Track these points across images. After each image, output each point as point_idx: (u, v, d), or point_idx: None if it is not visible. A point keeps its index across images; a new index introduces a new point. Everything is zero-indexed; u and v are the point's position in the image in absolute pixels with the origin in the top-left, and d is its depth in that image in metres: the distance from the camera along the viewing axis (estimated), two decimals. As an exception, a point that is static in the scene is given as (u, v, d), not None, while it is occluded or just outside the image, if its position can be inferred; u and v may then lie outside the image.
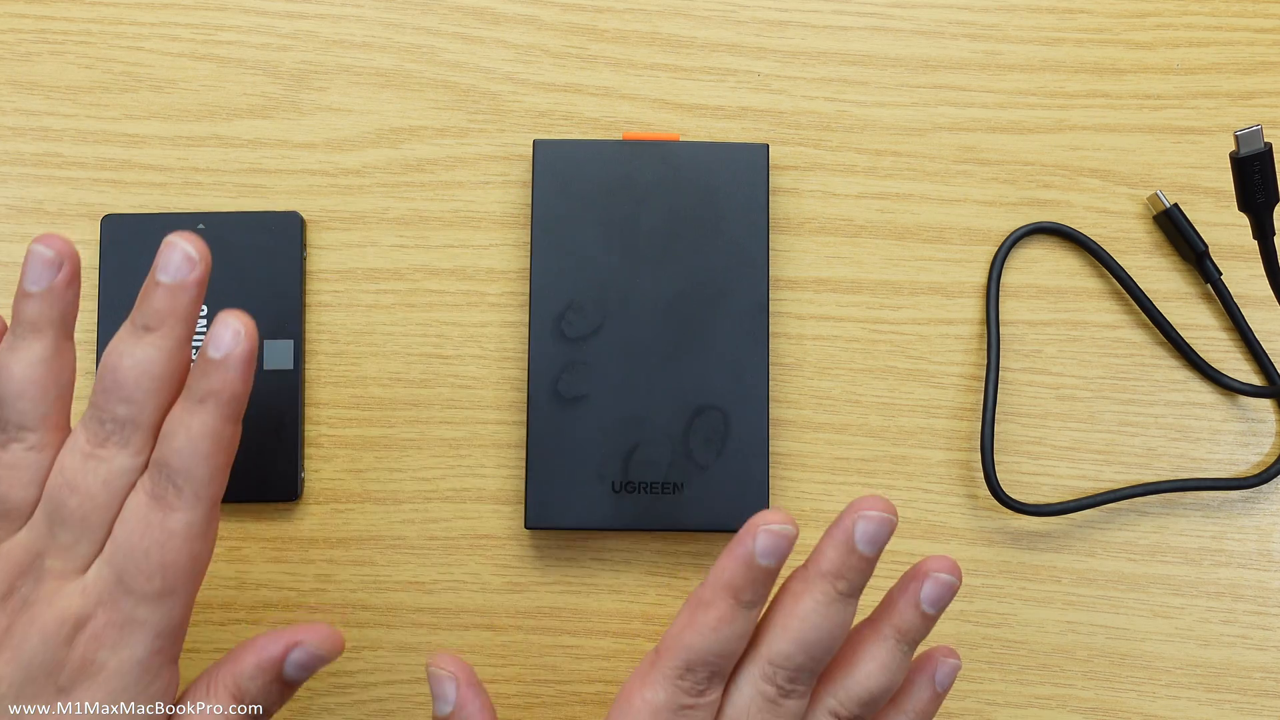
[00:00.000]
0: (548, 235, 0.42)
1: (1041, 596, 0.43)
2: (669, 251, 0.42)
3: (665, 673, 0.30)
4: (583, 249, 0.41)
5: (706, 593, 0.30)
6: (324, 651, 0.32)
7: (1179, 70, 0.46)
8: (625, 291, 0.41)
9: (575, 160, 0.42)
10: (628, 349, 0.41)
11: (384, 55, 0.46)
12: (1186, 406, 0.44)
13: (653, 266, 0.41)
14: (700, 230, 0.42)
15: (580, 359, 0.41)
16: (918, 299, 0.45)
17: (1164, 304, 0.45)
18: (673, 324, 0.41)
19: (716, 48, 0.46)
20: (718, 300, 0.41)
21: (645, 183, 0.42)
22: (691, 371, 0.41)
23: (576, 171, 0.42)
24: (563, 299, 0.41)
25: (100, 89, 0.45)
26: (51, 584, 0.29)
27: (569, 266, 0.41)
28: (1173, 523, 0.44)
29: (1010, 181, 0.45)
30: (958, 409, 0.44)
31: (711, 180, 0.42)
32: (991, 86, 0.46)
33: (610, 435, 0.41)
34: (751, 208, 0.42)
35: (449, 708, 0.32)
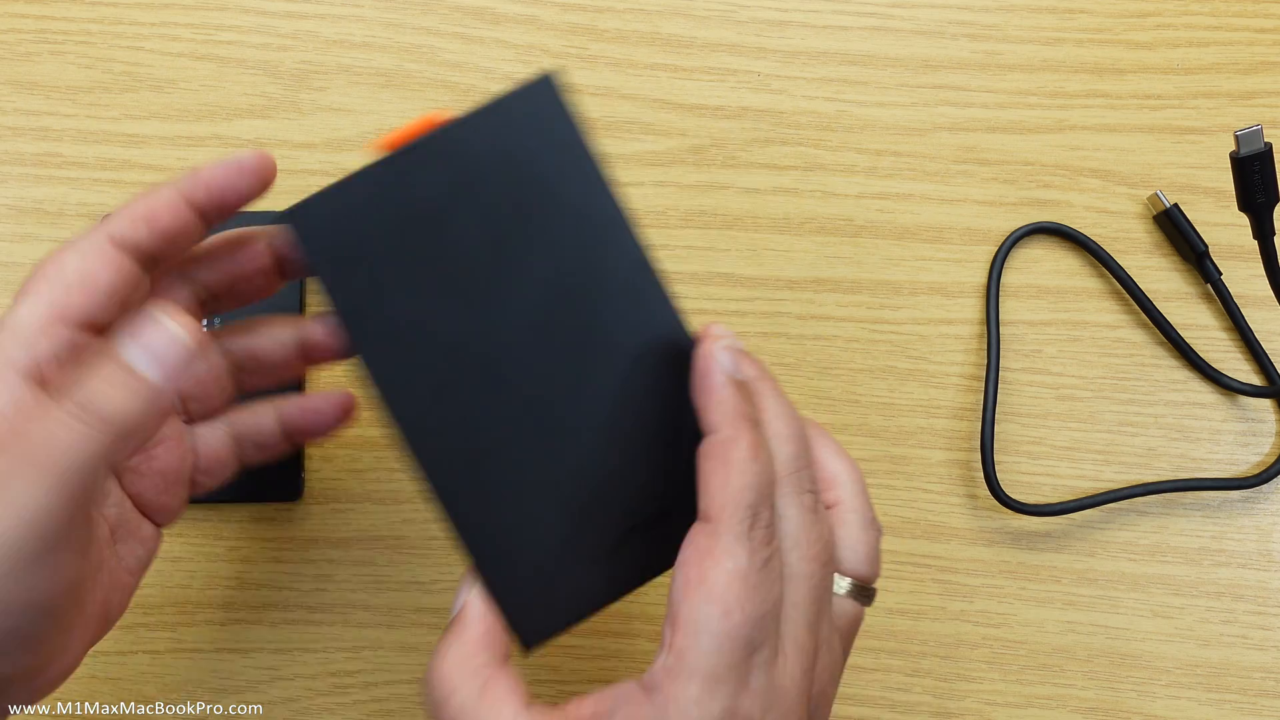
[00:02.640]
0: (368, 331, 0.30)
1: (1041, 596, 0.43)
2: (510, 272, 0.30)
3: (735, 533, 0.26)
4: (416, 327, 0.30)
5: (724, 433, 0.27)
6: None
7: (1179, 70, 0.46)
8: (490, 345, 0.30)
9: (344, 217, 0.30)
10: (527, 400, 0.30)
11: (384, 55, 0.46)
12: (1186, 406, 0.44)
13: (502, 300, 0.30)
14: (533, 225, 0.30)
15: (477, 436, 0.30)
16: (918, 299, 0.45)
17: (1164, 304, 0.45)
18: (557, 344, 0.30)
19: (716, 48, 0.46)
20: (591, 289, 0.30)
21: (435, 203, 0.30)
22: (606, 379, 0.30)
23: (355, 231, 0.30)
24: (426, 396, 0.30)
25: (100, 89, 0.45)
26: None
27: (412, 359, 0.30)
28: (1173, 523, 0.44)
29: (1010, 181, 0.45)
30: (958, 409, 0.44)
31: (512, 156, 0.30)
32: (991, 86, 0.46)
33: (559, 495, 0.30)
34: (574, 164, 0.30)
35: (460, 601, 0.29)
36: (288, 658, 0.42)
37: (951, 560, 0.43)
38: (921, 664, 0.43)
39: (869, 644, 0.43)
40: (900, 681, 0.43)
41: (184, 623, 0.42)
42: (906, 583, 0.43)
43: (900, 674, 0.43)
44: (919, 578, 0.43)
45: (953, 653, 0.43)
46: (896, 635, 0.43)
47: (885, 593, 0.43)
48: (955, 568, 0.43)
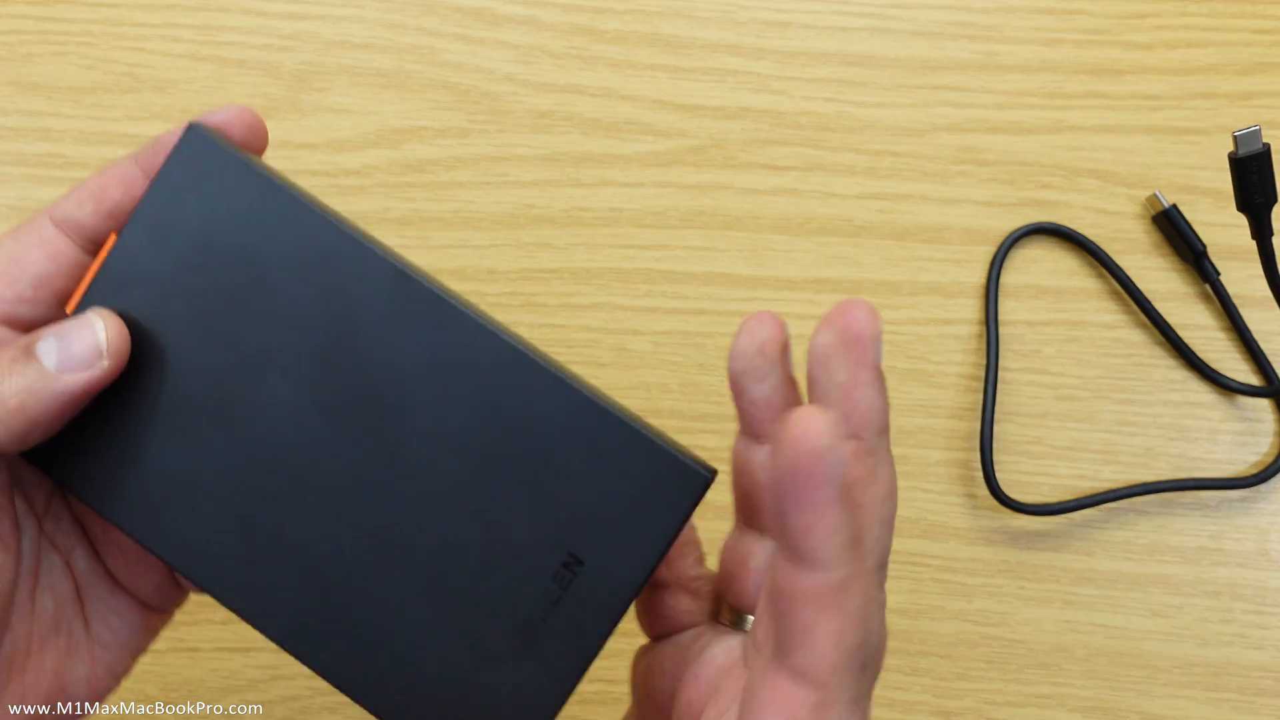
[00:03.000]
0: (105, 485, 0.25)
1: (1040, 596, 0.43)
2: (257, 359, 0.25)
3: (847, 701, 0.20)
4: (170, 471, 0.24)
5: (836, 573, 0.19)
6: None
7: (1177, 71, 0.46)
8: (263, 466, 0.24)
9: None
10: (345, 508, 0.24)
11: (384, 56, 0.46)
12: (1185, 406, 0.44)
13: (260, 399, 0.25)
14: (258, 297, 0.24)
15: (314, 582, 0.24)
16: (917, 299, 0.45)
17: (1162, 304, 0.45)
18: (347, 423, 0.24)
19: (716, 48, 0.46)
20: (358, 336, 0.24)
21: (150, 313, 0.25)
22: (426, 437, 0.24)
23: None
24: (229, 550, 0.24)
25: (102, 90, 0.45)
26: None
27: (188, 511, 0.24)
28: (1171, 522, 0.44)
29: (1009, 182, 0.45)
30: (957, 409, 0.44)
31: (196, 232, 0.24)
32: (991, 87, 0.46)
33: (441, 608, 0.24)
34: (266, 208, 0.24)
35: None
36: (288, 657, 0.42)
37: (951, 560, 0.43)
38: (921, 663, 0.43)
39: None
40: (899, 680, 0.43)
41: (184, 622, 0.42)
42: (906, 582, 0.43)
43: (899, 673, 0.43)
44: (918, 577, 0.43)
45: (952, 652, 0.43)
46: (896, 634, 0.43)
47: (885, 592, 0.43)
48: (954, 567, 0.43)
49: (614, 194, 0.45)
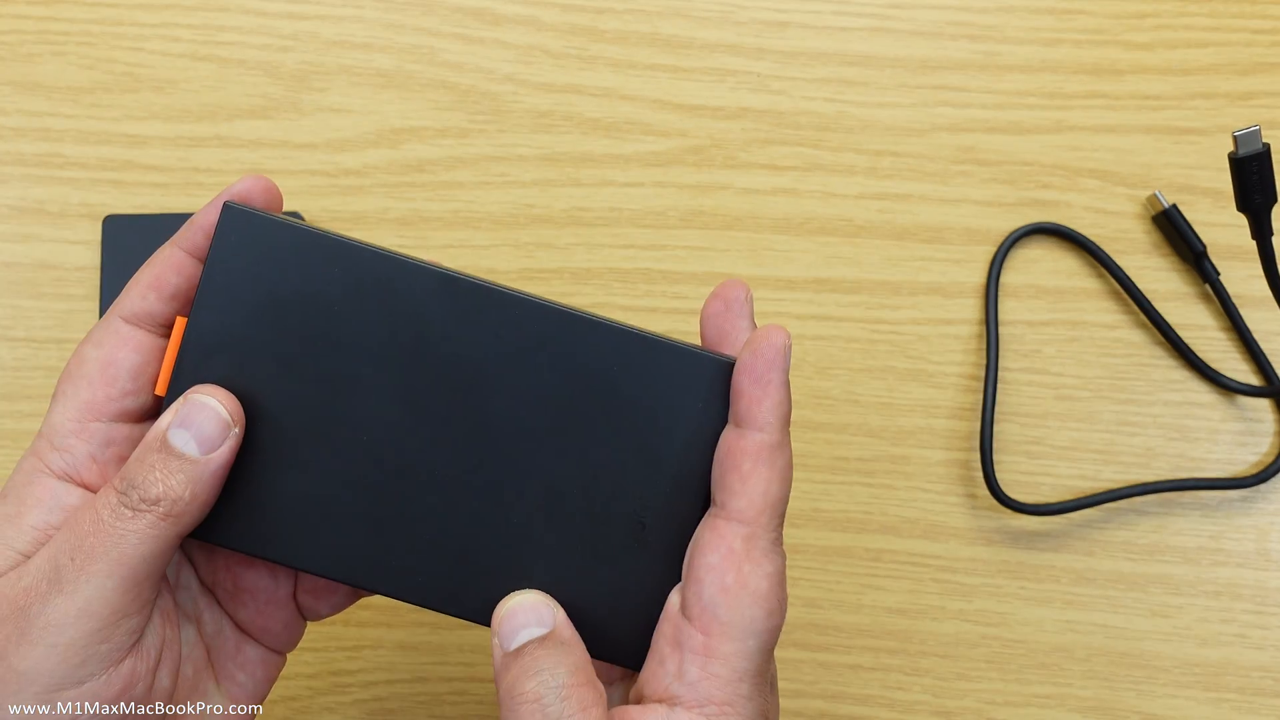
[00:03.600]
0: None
1: (1040, 596, 0.43)
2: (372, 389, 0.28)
3: (772, 539, 0.25)
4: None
5: (774, 436, 0.25)
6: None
7: (1177, 71, 0.46)
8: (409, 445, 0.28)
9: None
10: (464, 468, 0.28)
11: (384, 56, 0.46)
12: (1185, 406, 0.44)
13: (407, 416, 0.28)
14: (349, 333, 0.28)
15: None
16: (917, 299, 0.45)
17: (1162, 304, 0.45)
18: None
19: (716, 48, 0.46)
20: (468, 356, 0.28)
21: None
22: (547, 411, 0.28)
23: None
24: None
25: (102, 89, 0.45)
26: None
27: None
28: (1171, 522, 0.44)
29: (1009, 182, 0.45)
30: (957, 409, 0.44)
31: (268, 296, 0.28)
32: (991, 87, 0.46)
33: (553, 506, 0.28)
34: (326, 260, 0.27)
35: (543, 630, 0.26)
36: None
37: (951, 560, 0.43)
38: (921, 663, 0.43)
39: (868, 643, 0.43)
40: (899, 681, 0.43)
41: (185, 622, 0.42)
42: (906, 582, 0.43)
43: (900, 673, 0.43)
44: (918, 577, 0.43)
45: (952, 652, 0.43)
46: (896, 634, 0.43)
47: (885, 592, 0.43)
48: (954, 567, 0.43)
49: (614, 194, 0.45)
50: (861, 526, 0.44)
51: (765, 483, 0.26)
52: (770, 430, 0.26)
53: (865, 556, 0.43)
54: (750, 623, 0.25)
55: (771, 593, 0.25)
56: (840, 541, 0.43)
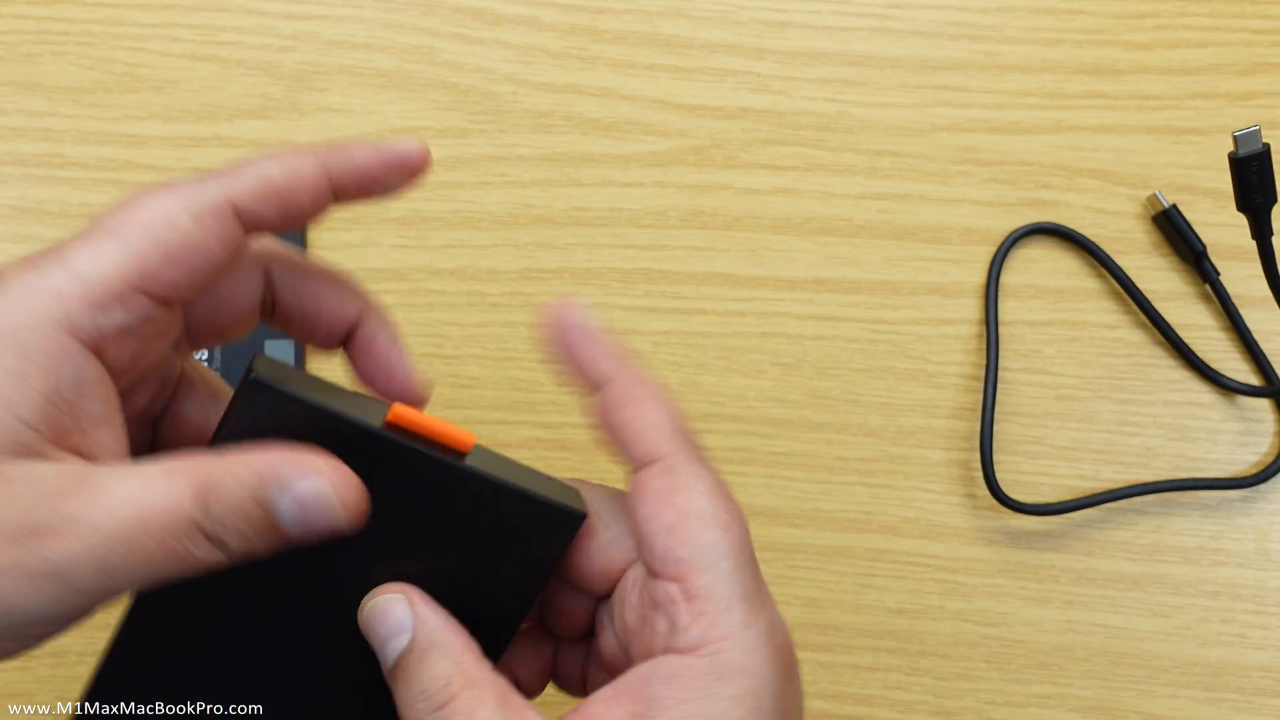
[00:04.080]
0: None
1: (1040, 596, 0.43)
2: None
3: (688, 455, 0.25)
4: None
5: (626, 375, 0.26)
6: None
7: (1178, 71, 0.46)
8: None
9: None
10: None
11: (384, 56, 0.46)
12: (1185, 406, 0.44)
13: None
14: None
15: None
16: (917, 299, 0.45)
17: (1162, 304, 0.45)
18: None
19: (716, 48, 0.46)
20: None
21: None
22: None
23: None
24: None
25: (102, 89, 0.45)
26: None
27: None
28: (1171, 522, 0.44)
29: (1009, 182, 0.45)
30: (957, 409, 0.44)
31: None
32: (990, 87, 0.46)
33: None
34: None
35: (406, 636, 0.24)
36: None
37: (951, 560, 0.43)
38: (921, 663, 0.43)
39: (868, 643, 0.43)
40: (899, 681, 0.43)
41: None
42: (906, 582, 0.43)
43: (900, 673, 0.43)
44: (918, 577, 0.43)
45: (952, 652, 0.43)
46: (896, 634, 0.43)
47: (885, 592, 0.43)
48: (954, 567, 0.43)
49: (614, 194, 0.45)
50: (861, 526, 0.44)
51: (646, 416, 0.25)
52: (615, 375, 0.26)
53: (865, 556, 0.43)
54: (711, 547, 0.24)
55: (716, 509, 0.24)
56: (840, 541, 0.43)
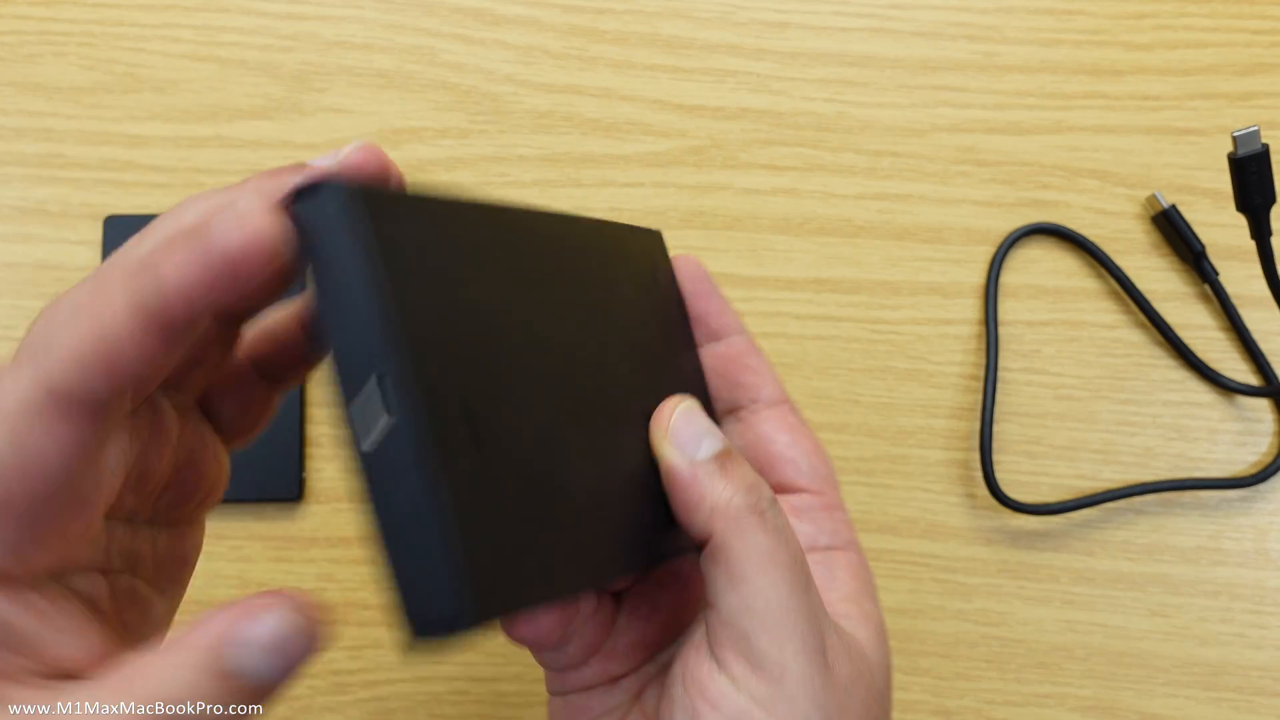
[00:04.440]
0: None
1: (1040, 595, 0.43)
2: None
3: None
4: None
5: (746, 334, 0.29)
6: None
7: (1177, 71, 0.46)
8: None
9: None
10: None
11: (385, 56, 0.46)
12: (1184, 406, 0.45)
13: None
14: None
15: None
16: (917, 299, 0.45)
17: (1162, 304, 0.45)
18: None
19: (716, 49, 0.46)
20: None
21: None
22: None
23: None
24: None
25: (102, 90, 0.45)
26: None
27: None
28: (1170, 522, 0.44)
29: (1009, 182, 0.45)
30: (956, 409, 0.44)
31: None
32: (990, 87, 0.46)
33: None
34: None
35: (717, 439, 0.24)
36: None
37: (950, 559, 0.43)
38: (920, 663, 0.43)
39: None
40: (899, 680, 0.43)
41: (185, 622, 0.42)
42: (905, 581, 0.43)
43: (899, 672, 0.43)
44: (918, 577, 0.43)
45: (951, 651, 0.43)
46: (895, 634, 0.43)
47: (885, 591, 0.43)
48: (954, 567, 0.43)
49: (614, 194, 0.45)
50: (861, 526, 0.44)
51: (770, 369, 0.29)
52: (741, 330, 0.29)
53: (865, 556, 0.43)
54: (830, 469, 0.28)
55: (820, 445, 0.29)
56: None
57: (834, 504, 0.28)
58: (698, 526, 0.23)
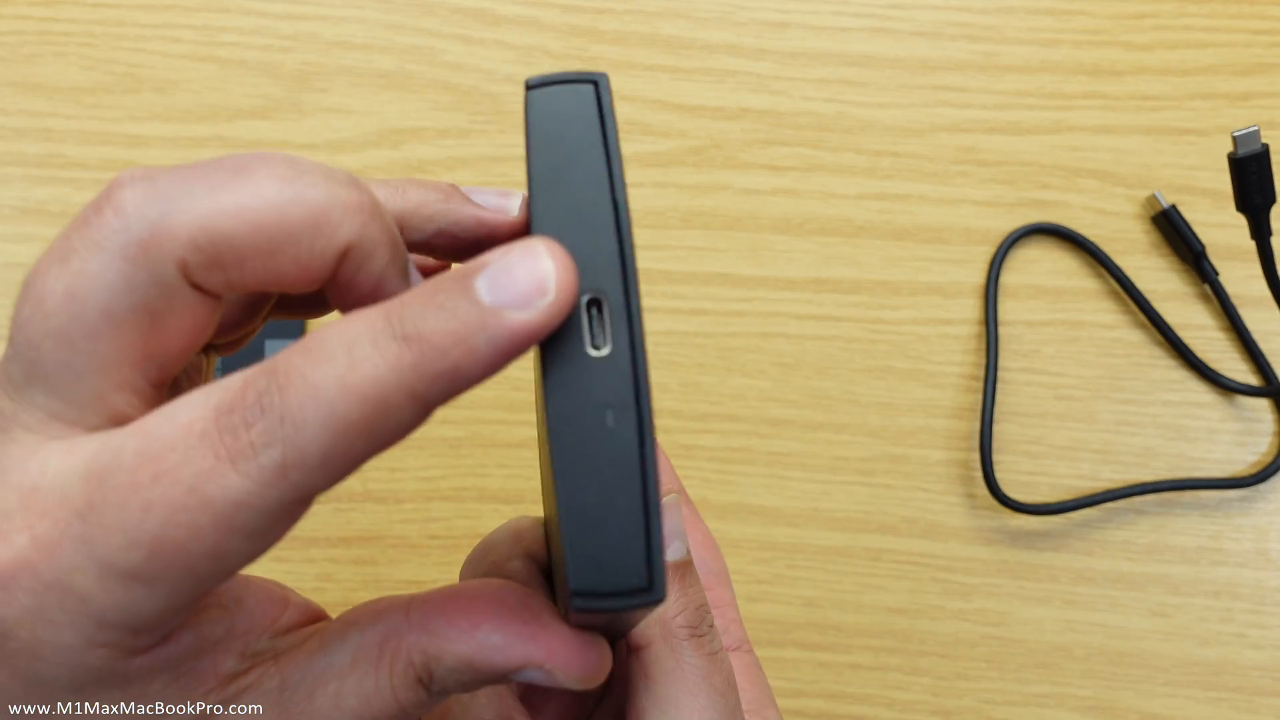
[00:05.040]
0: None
1: (1040, 595, 0.43)
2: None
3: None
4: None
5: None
6: (570, 681, 0.19)
7: (1177, 71, 0.46)
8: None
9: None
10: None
11: (385, 57, 0.46)
12: (1184, 406, 0.44)
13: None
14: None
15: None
16: (916, 299, 0.45)
17: (1161, 304, 0.45)
18: None
19: (716, 49, 0.46)
20: None
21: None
22: None
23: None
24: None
25: (103, 90, 0.45)
26: None
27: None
28: (1170, 522, 0.44)
29: (1008, 182, 0.45)
30: (956, 409, 0.44)
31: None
32: (990, 87, 0.46)
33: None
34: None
35: (682, 546, 0.24)
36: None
37: (950, 559, 0.43)
38: (920, 663, 0.43)
39: (868, 642, 0.43)
40: (899, 680, 0.43)
41: (186, 621, 0.42)
42: (905, 581, 0.43)
43: (899, 673, 0.43)
44: (918, 576, 0.43)
45: (951, 651, 0.43)
46: (895, 634, 0.43)
47: (885, 592, 0.43)
48: (954, 567, 0.43)
49: (614, 194, 0.45)
50: (861, 526, 0.44)
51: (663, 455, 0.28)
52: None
53: (865, 556, 0.43)
54: (721, 563, 0.28)
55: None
56: (840, 541, 0.43)
57: (724, 601, 0.27)
58: (638, 629, 0.24)
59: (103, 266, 0.17)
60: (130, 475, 0.16)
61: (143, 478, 0.16)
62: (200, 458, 0.16)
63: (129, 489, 0.16)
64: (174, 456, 0.16)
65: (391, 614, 0.20)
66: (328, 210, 0.17)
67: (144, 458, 0.16)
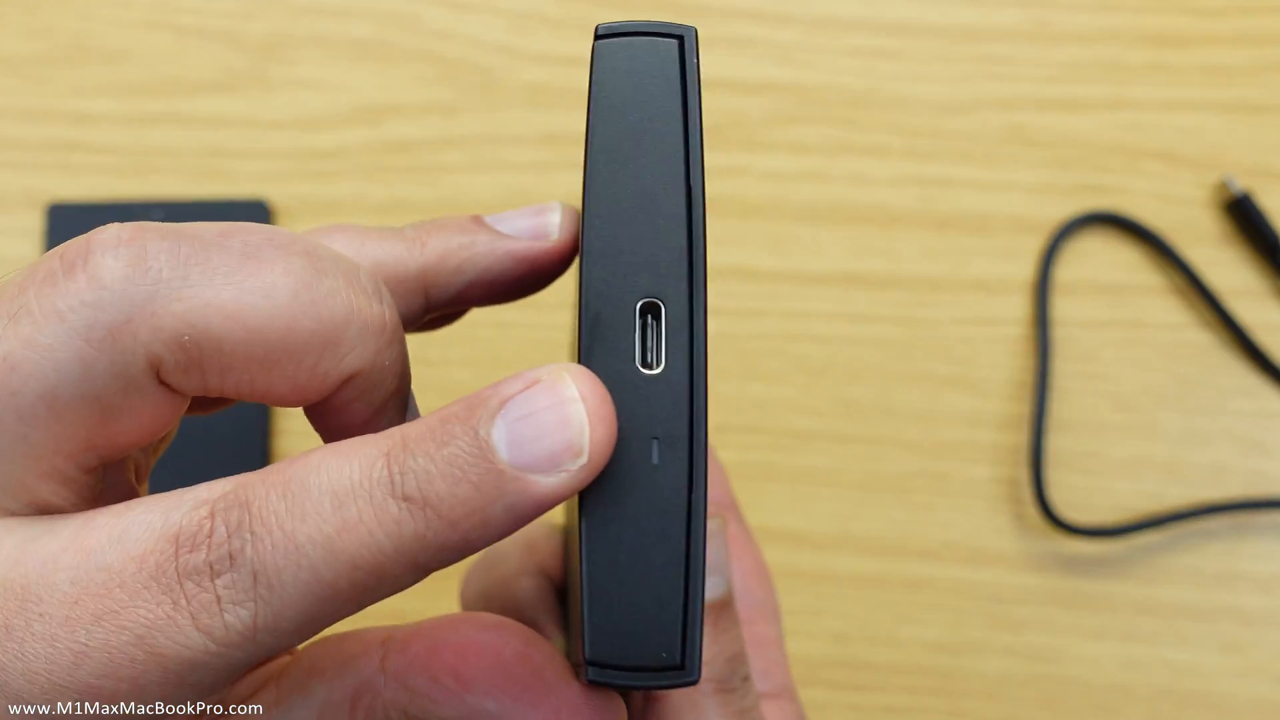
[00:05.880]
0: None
1: (1097, 629, 0.41)
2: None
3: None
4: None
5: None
6: None
7: (1251, 40, 0.44)
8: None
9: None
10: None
11: (361, 24, 0.45)
12: (1259, 417, 0.43)
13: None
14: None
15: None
16: (959, 296, 0.43)
17: (1234, 302, 0.43)
18: None
19: (735, 15, 0.45)
20: None
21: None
22: None
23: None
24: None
25: (45, 61, 0.44)
26: None
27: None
28: (1244, 546, 0.42)
29: (1062, 165, 0.44)
30: (1004, 420, 0.43)
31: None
32: (1041, 59, 0.44)
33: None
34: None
35: (723, 582, 0.22)
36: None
37: (997, 588, 0.42)
38: (963, 704, 0.41)
39: (905, 681, 0.41)
40: (940, 725, 0.42)
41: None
42: (947, 613, 0.42)
43: (939, 714, 0.41)
44: (960, 608, 0.42)
45: (998, 692, 0.41)
46: (936, 672, 0.41)
47: (923, 625, 0.42)
48: (1001, 596, 0.42)
49: (619, 178, 0.43)
50: (897, 551, 0.42)
51: (718, 467, 0.28)
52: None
53: (901, 585, 0.42)
54: (770, 593, 0.26)
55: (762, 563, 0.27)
56: (873, 568, 0.42)
57: (767, 639, 0.24)
58: None
59: (58, 342, 0.15)
60: (65, 608, 0.15)
61: (81, 614, 0.15)
62: (154, 603, 0.15)
63: (61, 624, 0.15)
64: (121, 595, 0.15)
65: (363, 661, 0.18)
66: (344, 329, 0.16)
67: (84, 589, 0.15)
